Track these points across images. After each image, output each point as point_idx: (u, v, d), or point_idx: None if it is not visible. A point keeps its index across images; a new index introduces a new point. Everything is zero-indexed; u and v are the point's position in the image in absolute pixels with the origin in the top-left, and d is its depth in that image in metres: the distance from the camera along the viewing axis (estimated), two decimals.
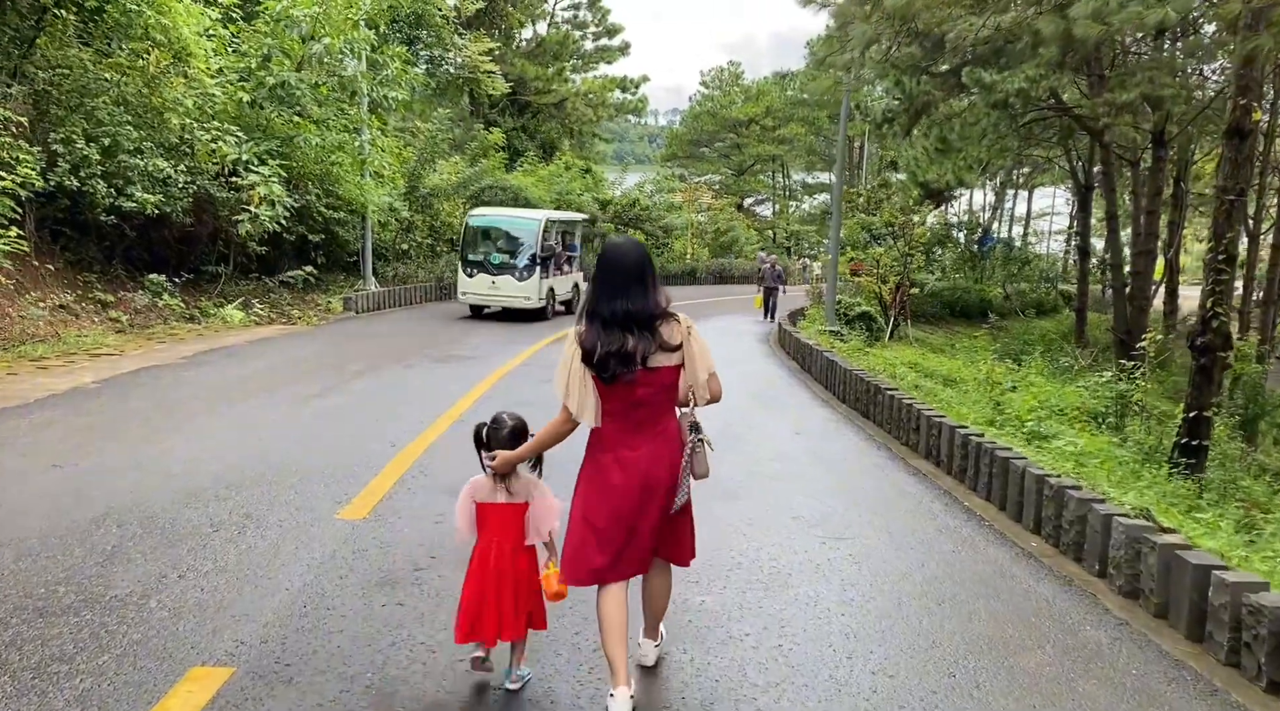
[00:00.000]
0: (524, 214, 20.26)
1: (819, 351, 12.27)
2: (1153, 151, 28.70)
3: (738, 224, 45.91)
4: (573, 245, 21.63)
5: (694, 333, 3.43)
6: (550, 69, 36.85)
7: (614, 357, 3.27)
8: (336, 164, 19.42)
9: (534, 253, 18.37)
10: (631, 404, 3.36)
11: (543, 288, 18.47)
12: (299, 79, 17.41)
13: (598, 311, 3.34)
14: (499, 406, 3.85)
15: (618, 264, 3.39)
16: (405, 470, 6.65)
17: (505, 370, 11.77)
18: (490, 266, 18.46)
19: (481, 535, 3.52)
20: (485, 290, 18.36)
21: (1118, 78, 28.27)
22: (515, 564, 3.48)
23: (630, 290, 3.34)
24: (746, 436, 8.31)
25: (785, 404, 10.29)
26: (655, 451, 3.40)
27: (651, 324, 3.34)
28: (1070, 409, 15.82)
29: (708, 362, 3.44)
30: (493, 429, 3.52)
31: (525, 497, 3.51)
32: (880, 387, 9.10)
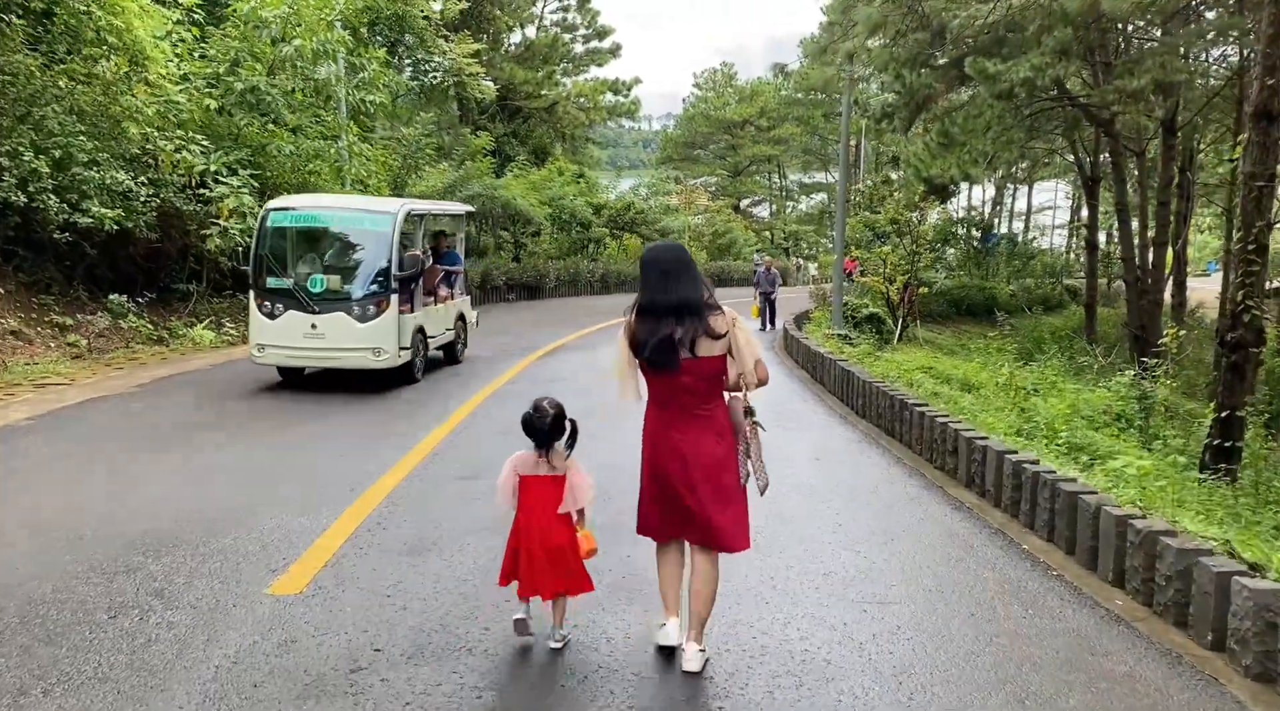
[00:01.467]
0: (364, 204, 12.47)
1: (832, 360, 11.27)
2: (1163, 139, 27.82)
3: (735, 226, 44.97)
4: (452, 254, 13.39)
5: (739, 323, 3.71)
6: (540, 72, 35.88)
7: (660, 348, 3.61)
8: (314, 173, 18.45)
9: (384, 269, 10.35)
10: (679, 390, 3.70)
11: (404, 330, 10.57)
12: (270, 84, 16.44)
13: (645, 305, 3.67)
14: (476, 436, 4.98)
15: (662, 260, 3.74)
16: (361, 522, 5.64)
17: (490, 390, 10.77)
18: (306, 298, 10.24)
19: (522, 504, 3.95)
20: (298, 341, 10.26)
21: (1124, 65, 27.43)
22: (555, 530, 3.87)
23: (674, 284, 3.64)
24: None
25: (800, 422, 9.28)
26: (699, 435, 3.71)
27: (697, 314, 3.62)
28: (1097, 413, 14.84)
29: (754, 350, 3.72)
30: (538, 417, 3.90)
31: (564, 470, 3.93)
32: (906, 403, 8.10)
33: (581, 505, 3.94)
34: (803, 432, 8.72)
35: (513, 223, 27.13)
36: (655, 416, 3.81)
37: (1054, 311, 38.30)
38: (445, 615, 4.30)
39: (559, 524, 3.89)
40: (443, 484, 6.66)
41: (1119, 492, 6.14)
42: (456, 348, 13.14)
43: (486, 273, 23.95)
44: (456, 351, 13.13)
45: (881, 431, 8.71)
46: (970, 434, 6.78)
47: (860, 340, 17.97)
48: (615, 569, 4.81)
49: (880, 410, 8.82)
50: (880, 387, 8.89)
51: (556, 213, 30.24)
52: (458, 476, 6.84)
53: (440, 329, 12.32)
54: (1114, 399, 16.29)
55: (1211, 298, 48.45)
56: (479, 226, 27.39)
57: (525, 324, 19.57)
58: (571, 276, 29.12)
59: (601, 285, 30.70)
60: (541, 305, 24.89)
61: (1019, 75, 23.51)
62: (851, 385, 9.95)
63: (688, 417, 3.71)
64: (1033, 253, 45.32)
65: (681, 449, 3.70)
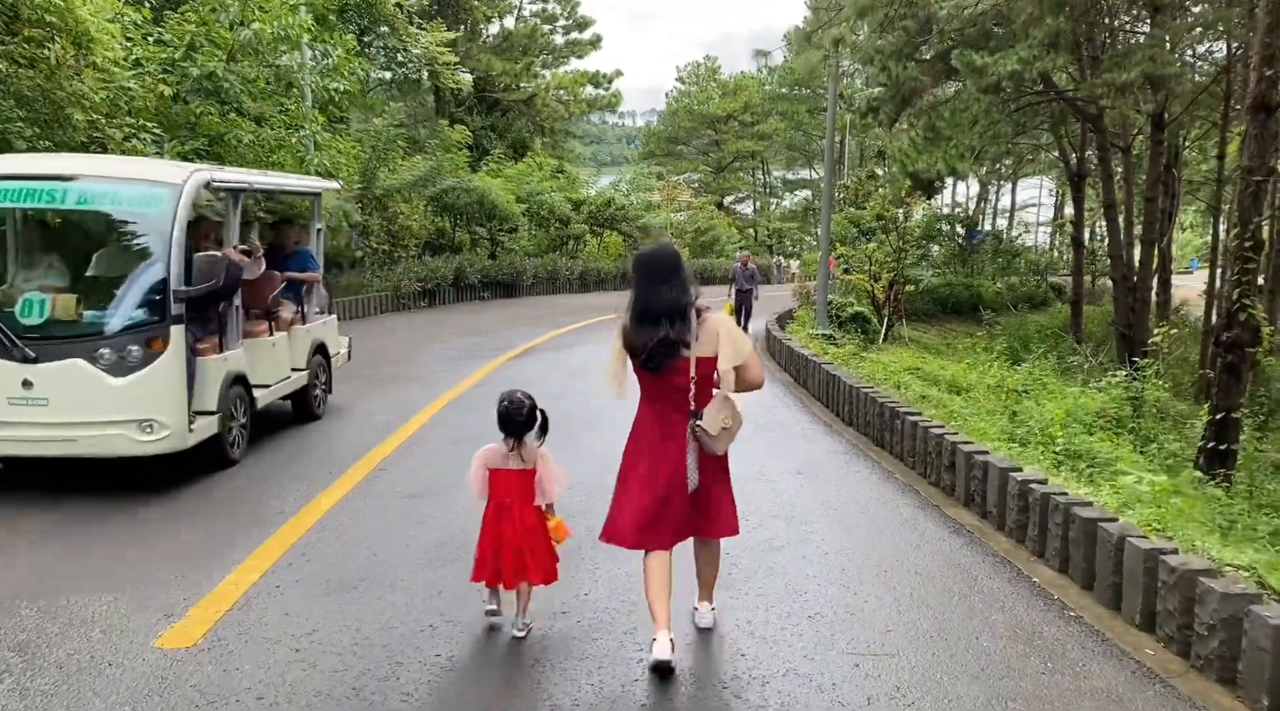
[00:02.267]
0: (125, 169, 7.18)
1: (815, 363, 10.64)
2: (1151, 134, 27.40)
3: (718, 223, 44.31)
4: (302, 254, 8.84)
5: (723, 322, 3.77)
6: (518, 64, 35.06)
7: (655, 349, 3.67)
8: (277, 164, 17.68)
9: (160, 281, 6.11)
10: (672, 389, 3.74)
11: (204, 383, 6.54)
12: (228, 70, 15.65)
13: (640, 308, 3.72)
14: (428, 450, 5.04)
15: (655, 264, 3.78)
16: (282, 554, 4.96)
17: (449, 396, 10.08)
18: (10, 334, 5.88)
19: (491, 497, 3.99)
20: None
21: (1112, 59, 27.02)
22: (524, 521, 3.92)
23: (666, 287, 3.69)
24: (739, 479, 6.66)
25: (783, 430, 8.64)
26: (681, 441, 3.75)
27: (688, 318, 3.68)
28: (1092, 416, 14.29)
29: (738, 350, 3.72)
30: (514, 408, 3.93)
31: (533, 464, 3.95)
32: (897, 411, 7.47)
33: (553, 498, 3.98)
34: (785, 443, 8.08)
35: (488, 218, 26.36)
36: (647, 415, 3.87)
37: (1039, 309, 37.95)
38: (361, 675, 3.63)
39: (530, 515, 3.94)
40: (385, 502, 5.99)
41: (1135, 514, 5.55)
42: (312, 396, 8.55)
43: (460, 270, 23.19)
44: (311, 402, 8.56)
45: (870, 441, 8.07)
46: (969, 448, 6.15)
47: (845, 340, 17.37)
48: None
49: (869, 418, 8.18)
50: (868, 393, 8.26)
51: (534, 208, 29.48)
52: (402, 494, 6.17)
53: (279, 373, 7.88)
54: (1106, 400, 15.77)
55: (1195, 296, 48.25)
56: (454, 222, 26.65)
57: (499, 323, 18.87)
58: (550, 274, 28.37)
59: (580, 283, 29.98)
60: (518, 304, 24.17)
61: (1006, 68, 23.02)
62: (837, 390, 9.32)
63: (680, 413, 3.76)
64: (1018, 250, 44.88)
65: (672, 452, 3.76)
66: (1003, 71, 22.83)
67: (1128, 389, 17.47)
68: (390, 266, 21.66)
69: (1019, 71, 22.88)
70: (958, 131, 26.71)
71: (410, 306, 21.08)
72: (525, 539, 3.90)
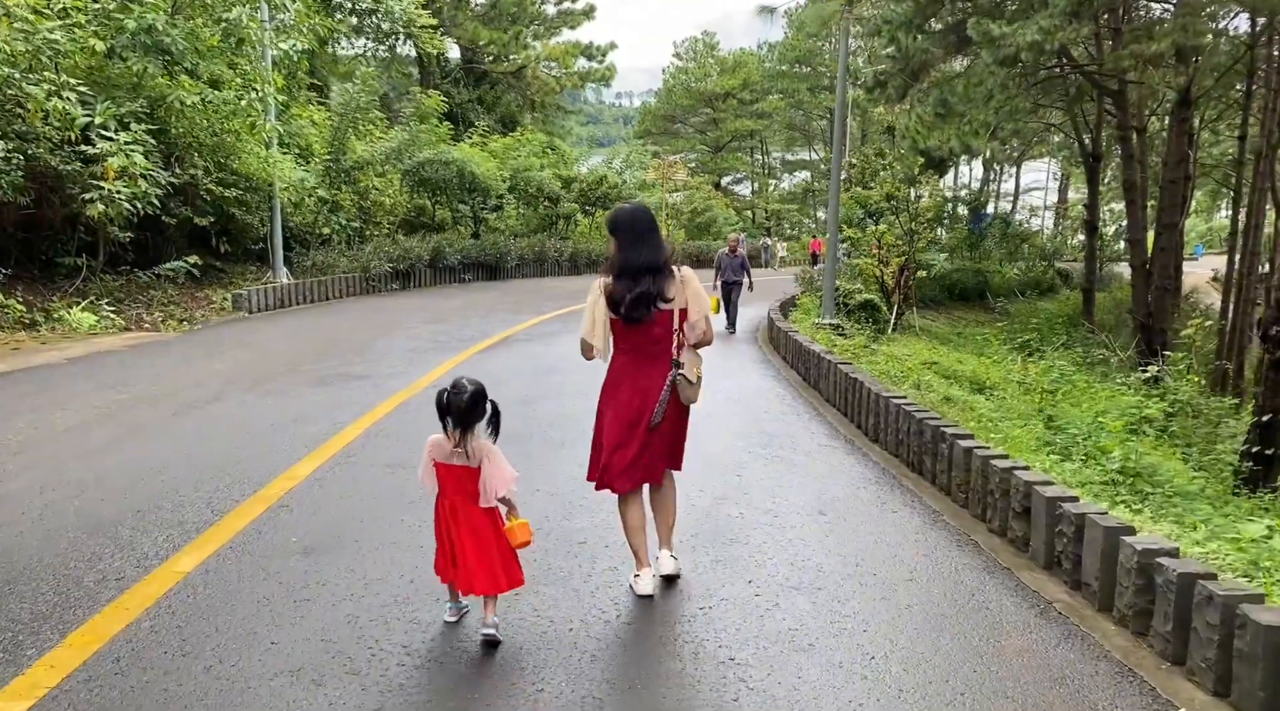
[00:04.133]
0: None
1: (830, 362, 9.07)
2: (1175, 112, 25.88)
3: (715, 203, 42.64)
4: None
5: (691, 280, 4.05)
6: (507, 34, 33.26)
7: (636, 303, 3.90)
8: (230, 132, 16.05)
9: None
10: (649, 341, 4.01)
11: None
12: (171, 24, 13.99)
13: (623, 264, 3.93)
14: (352, 476, 4.84)
15: (633, 226, 4.02)
16: (177, 582, 3.43)
17: (400, 398, 8.52)
18: None
19: (440, 492, 3.64)
20: None
21: (1132, 33, 25.56)
22: (473, 521, 3.57)
23: (645, 244, 3.97)
24: (746, 523, 5.14)
25: (794, 447, 7.09)
26: (662, 381, 4.00)
27: (664, 271, 3.96)
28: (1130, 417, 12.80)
29: (703, 306, 4.05)
30: (453, 395, 3.54)
31: (478, 461, 3.57)
32: (943, 432, 5.92)
33: (495, 500, 3.61)
34: (799, 467, 6.53)
35: (470, 194, 24.67)
36: (624, 364, 4.06)
37: (1046, 296, 36.61)
38: None
39: (479, 517, 3.60)
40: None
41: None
42: None
43: (438, 250, 21.53)
44: None
45: (904, 466, 6.54)
46: (1050, 491, 4.62)
47: (855, 331, 15.84)
48: None
49: (902, 436, 6.64)
50: (903, 407, 6.70)
51: (522, 186, 27.81)
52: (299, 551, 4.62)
53: None
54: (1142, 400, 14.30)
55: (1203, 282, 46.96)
56: (434, 199, 24.97)
57: (476, 308, 17.29)
58: (537, 255, 26.72)
59: (570, 265, 28.34)
60: (500, 287, 22.56)
61: (1026, 38, 21.45)
62: (860, 398, 7.76)
63: (655, 363, 4.00)
64: (1026, 234, 43.31)
65: (652, 392, 3.98)
66: (1022, 42, 21.27)
67: (1162, 386, 16.05)
68: (360, 245, 20.03)
69: (1039, 42, 21.32)
70: (971, 107, 25.18)
71: (380, 289, 19.46)
72: (477, 540, 3.58)
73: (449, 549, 3.60)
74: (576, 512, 5.20)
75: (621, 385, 4.03)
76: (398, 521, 5.03)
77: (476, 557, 3.54)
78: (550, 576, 4.29)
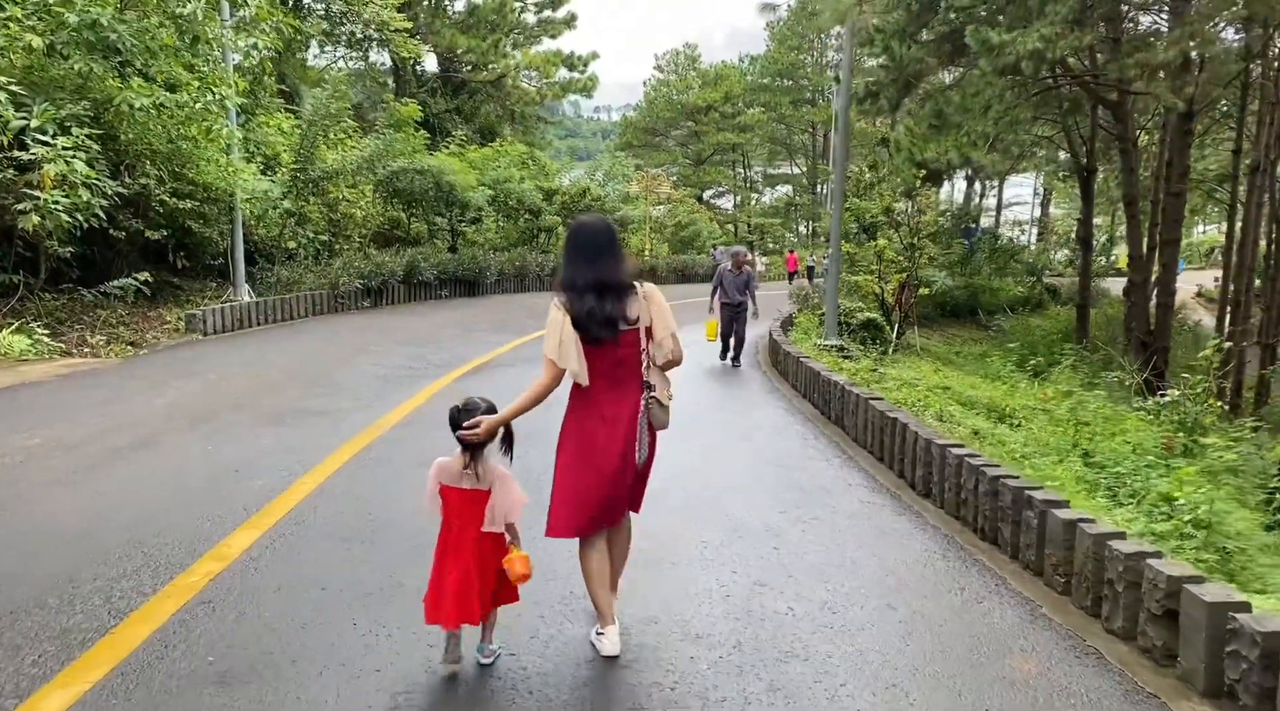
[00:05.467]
0: None
1: (858, 397, 7.95)
2: (1178, 124, 25.18)
3: (700, 217, 41.64)
4: None
5: (655, 296, 3.69)
6: (486, 41, 32.14)
7: (599, 322, 3.52)
8: (187, 139, 14.81)
9: None
10: (614, 364, 3.62)
11: None
12: (118, 19, 12.76)
13: (576, 281, 3.54)
14: (297, 559, 4.23)
15: (590, 238, 3.65)
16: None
17: (364, 440, 7.34)
18: None
19: (445, 517, 3.47)
20: None
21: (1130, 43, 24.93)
22: (480, 548, 3.42)
23: (608, 258, 3.60)
24: (799, 624, 4.01)
25: (835, 509, 5.95)
26: (633, 409, 3.63)
27: (628, 287, 3.61)
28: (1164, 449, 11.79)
29: (668, 323, 3.67)
30: (465, 413, 3.41)
31: (489, 485, 3.44)
32: (1030, 497, 4.81)
33: (502, 526, 3.44)
34: (845, 535, 5.40)
35: (448, 206, 23.47)
36: (593, 393, 3.62)
37: (1035, 312, 35.95)
38: None
39: (484, 543, 3.41)
40: None
41: None
42: None
43: (413, 265, 20.31)
44: None
45: (972, 532, 5.42)
46: (1215, 594, 3.53)
47: (860, 353, 14.81)
48: None
49: (966, 495, 5.53)
50: (968, 461, 5.55)
51: (501, 197, 26.65)
52: None
53: None
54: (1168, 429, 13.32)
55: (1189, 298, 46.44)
56: (409, 211, 23.78)
57: (453, 328, 16.10)
58: (518, 270, 25.54)
59: (552, 280, 27.14)
60: (479, 304, 21.37)
61: (1027, 47, 20.60)
62: (902, 443, 6.62)
63: (622, 387, 3.64)
64: (1015, 250, 42.64)
65: (622, 424, 3.61)
66: (1022, 50, 20.42)
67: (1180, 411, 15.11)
68: (329, 260, 18.78)
69: (1040, 50, 20.50)
70: (968, 117, 24.36)
71: (350, 307, 18.21)
72: (481, 567, 3.38)
73: (442, 582, 3.39)
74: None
75: (586, 415, 3.65)
76: (348, 625, 3.88)
77: (472, 586, 3.36)
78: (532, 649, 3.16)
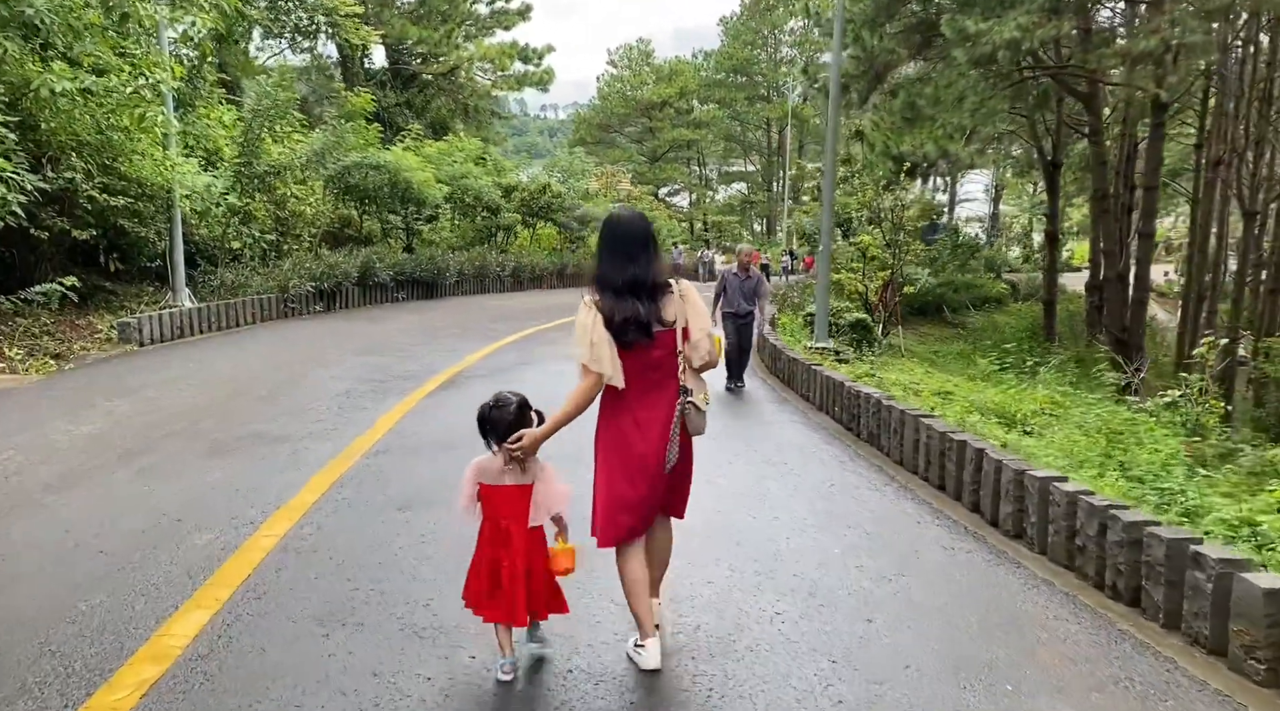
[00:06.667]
0: None
1: (906, 414, 6.98)
2: (1153, 117, 24.83)
3: (659, 214, 40.68)
4: None
5: (691, 294, 3.54)
6: (438, 32, 30.79)
7: (632, 323, 3.35)
8: (119, 129, 13.42)
9: None
10: (648, 366, 3.44)
11: None
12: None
13: (610, 280, 3.37)
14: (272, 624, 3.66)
15: (625, 233, 3.46)
16: None
17: (332, 474, 6.18)
18: None
19: (486, 517, 3.41)
20: None
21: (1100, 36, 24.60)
22: (528, 548, 3.34)
23: (644, 253, 3.43)
24: None
25: (918, 556, 4.94)
26: (668, 413, 3.45)
27: (657, 290, 3.43)
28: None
29: (705, 323, 3.53)
30: (497, 410, 3.36)
31: (532, 479, 3.39)
32: (1203, 556, 3.87)
33: (547, 518, 3.39)
34: (945, 594, 4.39)
35: (403, 204, 22.17)
36: (628, 397, 3.43)
37: (997, 308, 35.78)
38: None
39: (531, 539, 3.36)
40: None
41: None
42: None
43: (368, 265, 19.00)
44: None
45: (1098, 589, 4.46)
46: None
47: (855, 357, 13.94)
48: None
49: (1085, 543, 4.57)
50: (1110, 512, 4.53)
51: (458, 194, 25.39)
52: None
53: None
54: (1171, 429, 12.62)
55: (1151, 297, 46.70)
56: (361, 208, 22.42)
57: (415, 334, 14.88)
58: (478, 270, 24.31)
59: (513, 281, 26.00)
60: (439, 307, 20.12)
61: (1004, 35, 19.99)
62: (982, 474, 5.64)
63: (657, 391, 3.47)
64: (976, 246, 42.45)
65: (657, 428, 3.44)
66: (999, 39, 19.80)
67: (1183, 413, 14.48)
68: (278, 261, 17.41)
69: (1018, 39, 19.88)
70: (942, 110, 23.74)
71: (301, 312, 16.86)
72: (529, 569, 3.32)
73: (491, 575, 3.34)
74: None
75: (619, 420, 3.47)
76: None
77: (524, 584, 3.32)
78: None
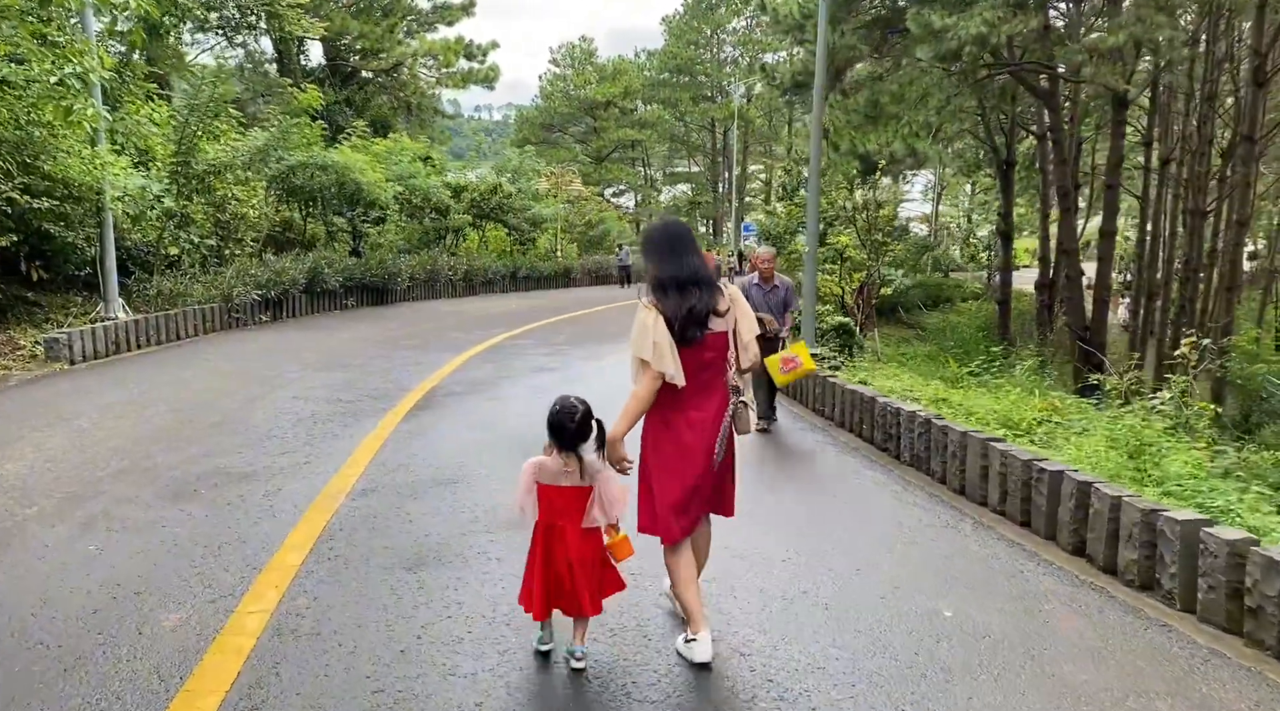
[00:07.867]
0: None
1: (968, 437, 6.25)
2: (1113, 113, 24.83)
3: (609, 215, 39.86)
4: None
5: (739, 297, 3.63)
6: (379, 27, 29.51)
7: (690, 321, 3.44)
8: (40, 124, 12.14)
9: None
10: (700, 365, 3.50)
11: None
12: None
13: (672, 277, 3.48)
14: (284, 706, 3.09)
15: (674, 238, 3.60)
16: None
17: (321, 519, 5.21)
18: None
19: (542, 516, 3.45)
20: None
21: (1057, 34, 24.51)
22: (583, 546, 3.42)
23: (691, 257, 3.54)
24: None
25: (1044, 632, 4.20)
26: (718, 411, 3.54)
27: (712, 286, 3.54)
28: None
29: (752, 325, 3.62)
30: (566, 414, 3.39)
31: (591, 480, 3.44)
32: None
33: (613, 520, 3.47)
34: (1127, 694, 3.65)
35: (351, 205, 20.97)
36: (682, 395, 3.48)
37: (946, 307, 35.85)
38: None
39: (587, 537, 3.45)
40: None
41: None
42: None
43: (316, 271, 17.80)
44: None
45: (1254, 647, 3.75)
46: None
47: (845, 362, 13.28)
48: None
49: (1264, 604, 3.86)
50: (1254, 550, 3.88)
51: (406, 194, 24.23)
52: None
53: None
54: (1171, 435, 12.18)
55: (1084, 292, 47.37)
56: (304, 210, 21.16)
57: (375, 346, 13.79)
58: (429, 275, 23.20)
59: (465, 285, 24.92)
60: (393, 315, 18.99)
61: (970, 31, 19.61)
62: (1090, 515, 4.91)
63: (707, 390, 3.54)
64: (928, 245, 42.52)
65: (708, 426, 3.51)
66: (965, 35, 19.42)
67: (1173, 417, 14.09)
68: (220, 267, 16.13)
69: (984, 35, 19.55)
70: (906, 107, 23.35)
71: (247, 322, 15.63)
72: (586, 563, 3.42)
73: (549, 574, 3.40)
74: None
75: (673, 419, 3.49)
76: None
77: (584, 580, 3.39)
78: None
